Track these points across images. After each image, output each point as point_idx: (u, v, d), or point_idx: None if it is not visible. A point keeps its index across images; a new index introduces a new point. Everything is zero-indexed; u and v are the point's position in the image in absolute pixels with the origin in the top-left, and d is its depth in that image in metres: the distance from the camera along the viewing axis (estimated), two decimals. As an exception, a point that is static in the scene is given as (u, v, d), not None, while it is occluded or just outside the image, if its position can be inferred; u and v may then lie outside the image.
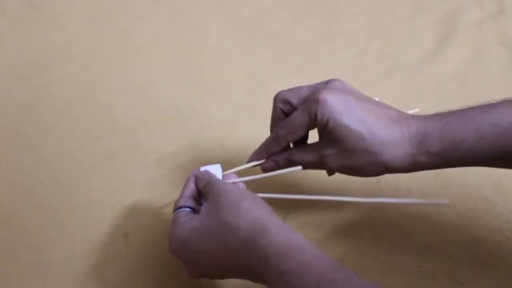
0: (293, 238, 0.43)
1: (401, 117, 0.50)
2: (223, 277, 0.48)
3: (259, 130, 0.71)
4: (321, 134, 0.52)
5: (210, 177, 0.53)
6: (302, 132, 0.53)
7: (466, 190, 0.63)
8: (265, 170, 0.56)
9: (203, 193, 0.52)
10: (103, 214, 0.62)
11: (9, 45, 0.82)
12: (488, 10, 0.86)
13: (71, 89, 0.76)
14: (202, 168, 0.55)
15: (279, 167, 0.56)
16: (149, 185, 0.65)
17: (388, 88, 0.77)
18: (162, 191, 0.64)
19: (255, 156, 0.57)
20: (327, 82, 0.54)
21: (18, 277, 0.56)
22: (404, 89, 0.77)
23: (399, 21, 0.86)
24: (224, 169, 0.56)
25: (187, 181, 0.54)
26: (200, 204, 0.53)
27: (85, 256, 0.58)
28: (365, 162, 0.50)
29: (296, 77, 0.77)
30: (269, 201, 0.63)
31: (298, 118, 0.52)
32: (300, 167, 0.53)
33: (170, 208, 0.53)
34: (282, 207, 0.62)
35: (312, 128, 0.53)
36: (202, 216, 0.48)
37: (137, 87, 0.77)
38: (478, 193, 0.63)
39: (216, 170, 0.55)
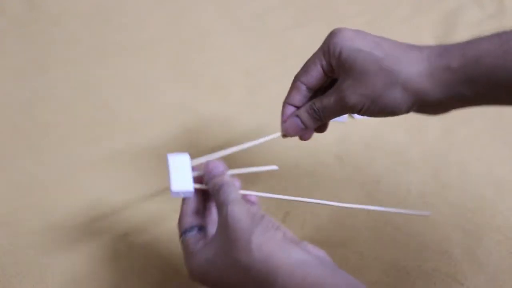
0: (308, 276, 0.42)
1: (417, 45, 0.48)
2: None
3: (259, 130, 0.71)
4: (337, 72, 0.49)
5: (221, 181, 0.48)
6: (317, 72, 0.51)
7: (466, 190, 0.63)
8: (287, 131, 0.53)
9: (212, 194, 0.48)
10: (103, 214, 0.62)
11: (9, 45, 0.82)
12: (488, 10, 0.86)
13: (71, 89, 0.76)
14: (169, 156, 0.50)
15: (306, 125, 0.52)
16: (149, 185, 0.65)
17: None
18: (162, 191, 0.64)
19: (282, 112, 0.54)
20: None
21: (18, 277, 0.56)
22: (404, 89, 0.77)
23: (399, 21, 0.86)
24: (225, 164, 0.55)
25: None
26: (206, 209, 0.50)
27: (85, 256, 0.58)
28: (382, 85, 0.46)
29: (296, 77, 0.77)
30: (270, 200, 0.63)
31: (313, 56, 0.51)
32: (275, 167, 0.51)
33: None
34: (283, 207, 0.62)
35: (327, 71, 0.50)
36: (215, 248, 0.46)
37: (137, 87, 0.77)
38: (478, 193, 0.63)
39: (183, 161, 0.49)
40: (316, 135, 0.55)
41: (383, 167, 0.66)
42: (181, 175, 0.48)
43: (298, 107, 0.53)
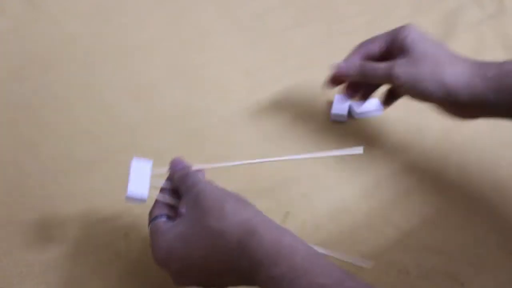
0: (283, 239, 0.43)
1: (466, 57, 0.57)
2: (213, 285, 0.47)
3: (259, 130, 0.71)
4: (395, 52, 0.59)
5: (186, 170, 0.51)
6: (380, 43, 0.60)
7: (466, 190, 0.63)
8: (336, 76, 0.63)
9: (178, 185, 0.50)
10: (103, 214, 0.62)
11: (9, 45, 0.82)
12: (488, 10, 0.86)
13: (71, 89, 0.76)
14: (134, 161, 0.51)
15: (354, 71, 0.61)
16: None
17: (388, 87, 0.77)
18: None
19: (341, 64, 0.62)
20: None
21: (18, 277, 0.56)
22: (404, 89, 0.77)
23: (399, 21, 0.86)
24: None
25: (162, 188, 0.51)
26: (176, 202, 0.50)
27: (85, 256, 0.58)
28: (428, 73, 0.55)
29: (296, 77, 0.77)
30: (270, 200, 0.63)
31: (380, 34, 0.61)
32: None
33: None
34: (283, 207, 0.62)
35: (388, 49, 0.60)
36: (185, 221, 0.46)
37: (137, 87, 0.77)
38: (478, 193, 0.63)
39: (145, 168, 0.50)
40: (316, 135, 0.55)
41: (383, 167, 0.66)
42: (139, 182, 0.49)
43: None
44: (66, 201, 0.63)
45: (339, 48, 0.66)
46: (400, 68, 0.57)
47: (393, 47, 0.59)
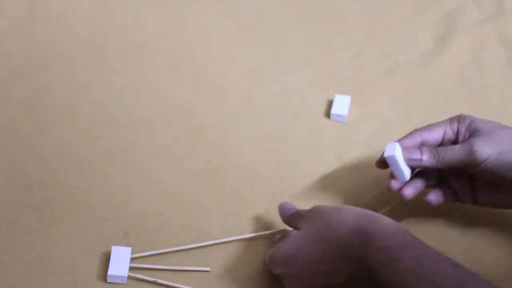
0: (396, 225, 0.46)
1: None
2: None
3: (259, 130, 0.71)
4: (464, 135, 0.55)
5: (293, 209, 0.56)
6: (438, 133, 0.55)
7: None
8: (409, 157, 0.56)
9: (289, 222, 0.55)
10: (103, 214, 0.62)
11: (9, 45, 0.82)
12: (488, 10, 0.86)
13: (71, 89, 0.76)
14: (113, 248, 0.57)
15: (422, 154, 0.55)
16: (149, 185, 0.65)
17: (388, 88, 0.77)
18: (162, 191, 0.64)
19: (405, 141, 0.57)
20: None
21: (18, 277, 0.56)
22: (403, 89, 0.77)
23: (399, 21, 0.86)
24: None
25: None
26: None
27: (85, 256, 0.58)
28: (510, 142, 0.52)
29: (296, 77, 0.77)
30: (270, 202, 0.63)
31: (438, 122, 0.57)
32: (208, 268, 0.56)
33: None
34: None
35: (450, 134, 0.55)
36: (303, 230, 0.51)
37: (137, 87, 0.77)
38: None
39: (125, 253, 0.56)
40: (316, 135, 0.55)
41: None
42: (120, 264, 0.55)
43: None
44: (66, 201, 0.63)
45: (339, 48, 0.66)
46: (480, 144, 0.52)
47: (459, 130, 0.55)
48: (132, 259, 0.56)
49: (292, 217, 0.55)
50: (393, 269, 0.43)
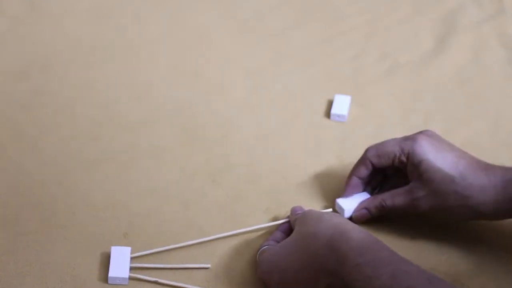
0: (370, 238, 0.47)
1: (488, 165, 0.55)
2: None
3: (259, 130, 0.71)
4: (410, 175, 0.56)
5: (300, 214, 0.56)
6: (388, 161, 0.57)
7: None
8: (357, 219, 0.59)
9: (293, 227, 0.55)
10: (103, 214, 0.62)
11: (9, 45, 0.82)
12: (488, 10, 0.86)
13: (71, 89, 0.76)
14: (113, 248, 0.57)
15: (372, 215, 0.58)
16: (149, 185, 0.65)
17: (388, 88, 0.77)
18: (162, 191, 0.64)
19: (347, 184, 0.60)
20: (420, 132, 0.58)
21: (18, 277, 0.56)
22: (403, 89, 0.77)
23: (399, 21, 0.86)
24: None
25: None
26: None
27: (85, 256, 0.58)
28: (454, 204, 0.54)
29: (296, 77, 0.77)
30: (270, 200, 0.63)
31: (390, 147, 0.57)
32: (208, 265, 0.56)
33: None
34: (283, 206, 0.62)
35: (396, 164, 0.57)
36: (289, 237, 0.52)
37: (137, 87, 0.77)
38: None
39: (124, 253, 0.56)
40: (316, 135, 0.55)
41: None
42: (120, 265, 0.55)
43: (362, 179, 0.59)
44: (66, 201, 0.63)
45: (339, 48, 0.66)
46: (424, 203, 0.55)
47: (406, 167, 0.56)
48: (132, 259, 0.56)
49: (293, 221, 0.56)
50: (370, 287, 0.43)
